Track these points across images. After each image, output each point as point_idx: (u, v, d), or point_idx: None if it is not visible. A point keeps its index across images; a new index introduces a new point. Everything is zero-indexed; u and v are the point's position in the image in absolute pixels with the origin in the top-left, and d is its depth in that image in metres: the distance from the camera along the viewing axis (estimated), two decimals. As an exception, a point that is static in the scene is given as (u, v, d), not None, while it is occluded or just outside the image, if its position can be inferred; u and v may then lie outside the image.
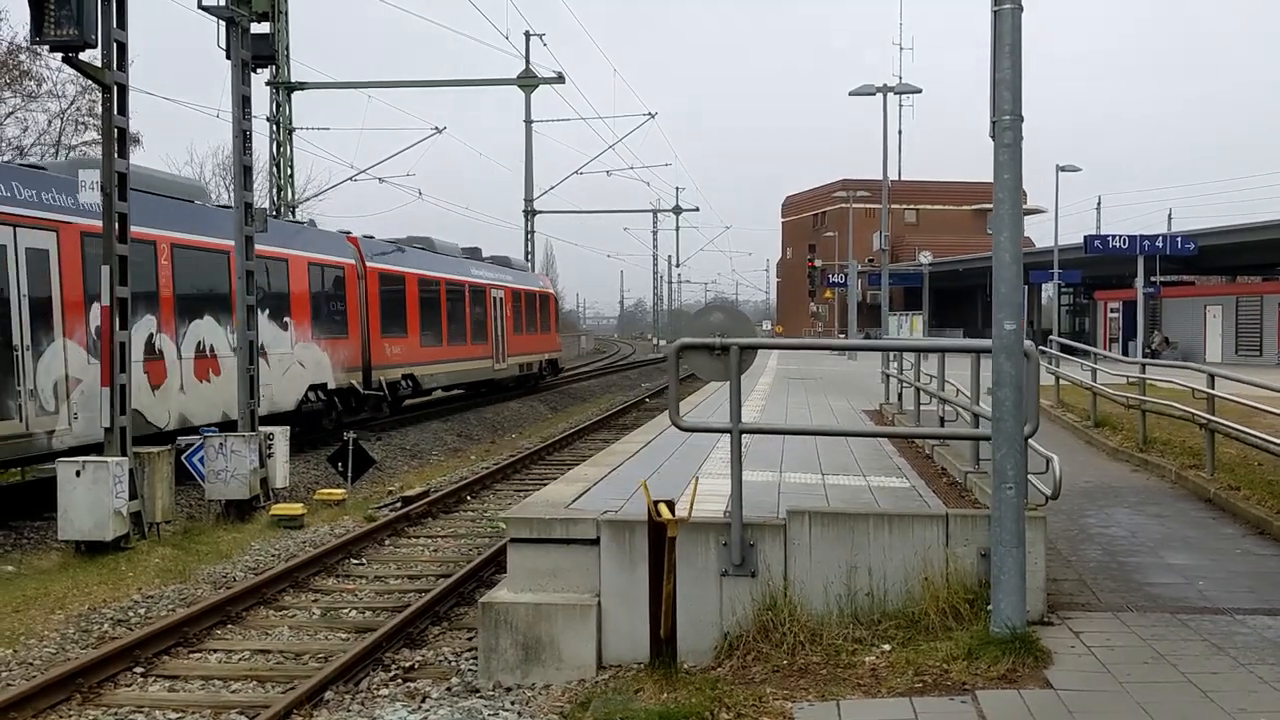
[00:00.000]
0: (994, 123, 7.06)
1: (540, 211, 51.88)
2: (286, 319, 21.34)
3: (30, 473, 19.69)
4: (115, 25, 13.79)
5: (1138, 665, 6.73)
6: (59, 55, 14.45)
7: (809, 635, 7.60)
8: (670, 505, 7.09)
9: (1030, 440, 7.46)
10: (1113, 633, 7.35)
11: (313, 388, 22.28)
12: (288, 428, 17.71)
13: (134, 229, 14.69)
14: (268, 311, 20.13)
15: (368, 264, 25.20)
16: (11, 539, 14.82)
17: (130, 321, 14.69)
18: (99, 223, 14.50)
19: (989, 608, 7.29)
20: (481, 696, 7.97)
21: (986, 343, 7.65)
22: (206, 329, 18.61)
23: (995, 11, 7.01)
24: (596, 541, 8.21)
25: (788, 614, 7.75)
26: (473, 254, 34.78)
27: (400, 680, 8.69)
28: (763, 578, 7.99)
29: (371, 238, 27.14)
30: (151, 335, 17.22)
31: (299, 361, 21.74)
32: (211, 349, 18.67)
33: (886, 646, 7.41)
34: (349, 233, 26.13)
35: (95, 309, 15.04)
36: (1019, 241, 7.09)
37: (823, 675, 7.04)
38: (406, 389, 27.45)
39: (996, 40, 7.03)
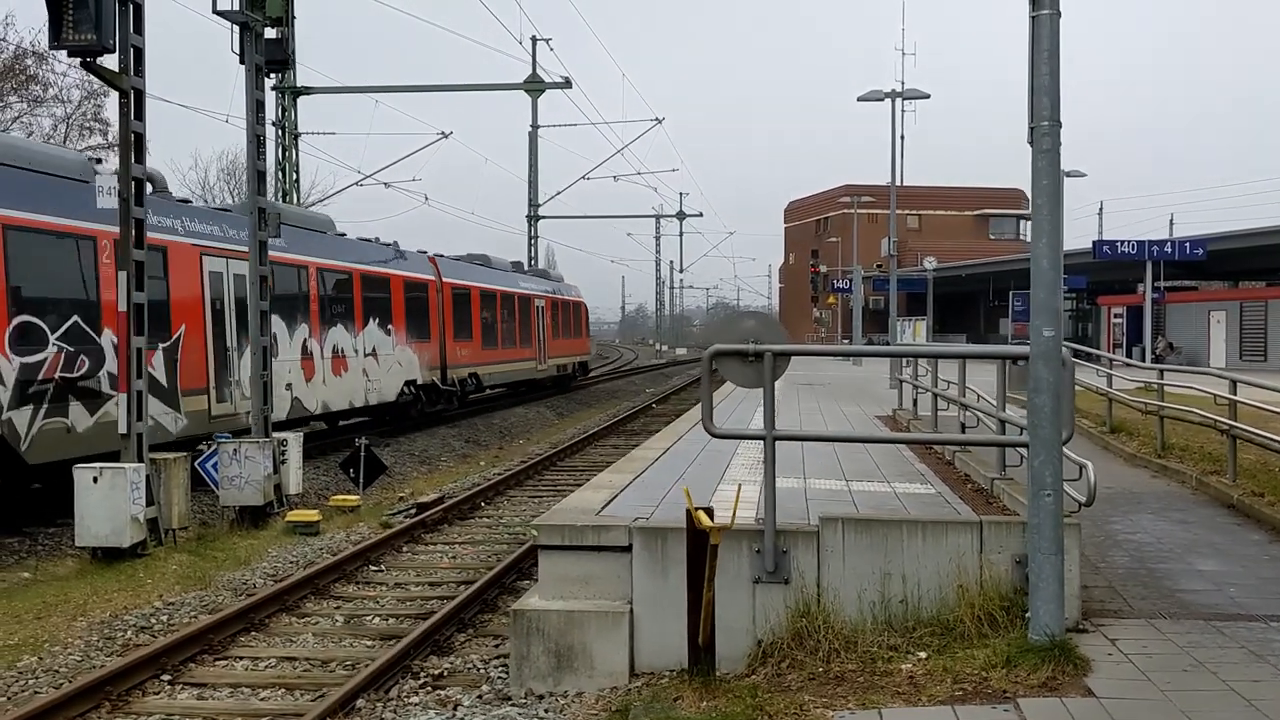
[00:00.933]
0: (1032, 129, 7.04)
1: (544, 217, 51.90)
2: (390, 327, 25.81)
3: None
4: (132, 30, 13.80)
5: (1177, 673, 6.70)
6: (73, 60, 14.50)
7: (844, 643, 7.57)
8: (709, 512, 7.06)
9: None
10: (1148, 640, 7.32)
11: (406, 383, 26.80)
12: (301, 434, 17.72)
13: (289, 255, 20.62)
14: (377, 321, 25.00)
15: (443, 279, 29.69)
16: (26, 545, 14.79)
17: (293, 329, 20.83)
18: (282, 254, 19.84)
19: (1026, 615, 7.27)
20: (514, 704, 7.95)
21: (1017, 349, 7.64)
22: (339, 334, 23.18)
23: (1033, 18, 7.00)
24: (628, 549, 8.19)
25: (822, 621, 7.72)
26: (517, 267, 39.40)
27: (430, 688, 8.64)
28: (796, 585, 7.96)
29: (443, 256, 31.15)
30: (305, 340, 21.66)
31: (398, 361, 26.28)
32: (342, 350, 23.22)
33: (923, 654, 7.38)
34: (426, 252, 30.18)
35: (273, 320, 19.04)
36: (1058, 247, 7.10)
37: (860, 683, 7.01)
38: (471, 386, 31.95)
39: (1034, 46, 7.01)
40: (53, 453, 14.66)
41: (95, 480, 13.13)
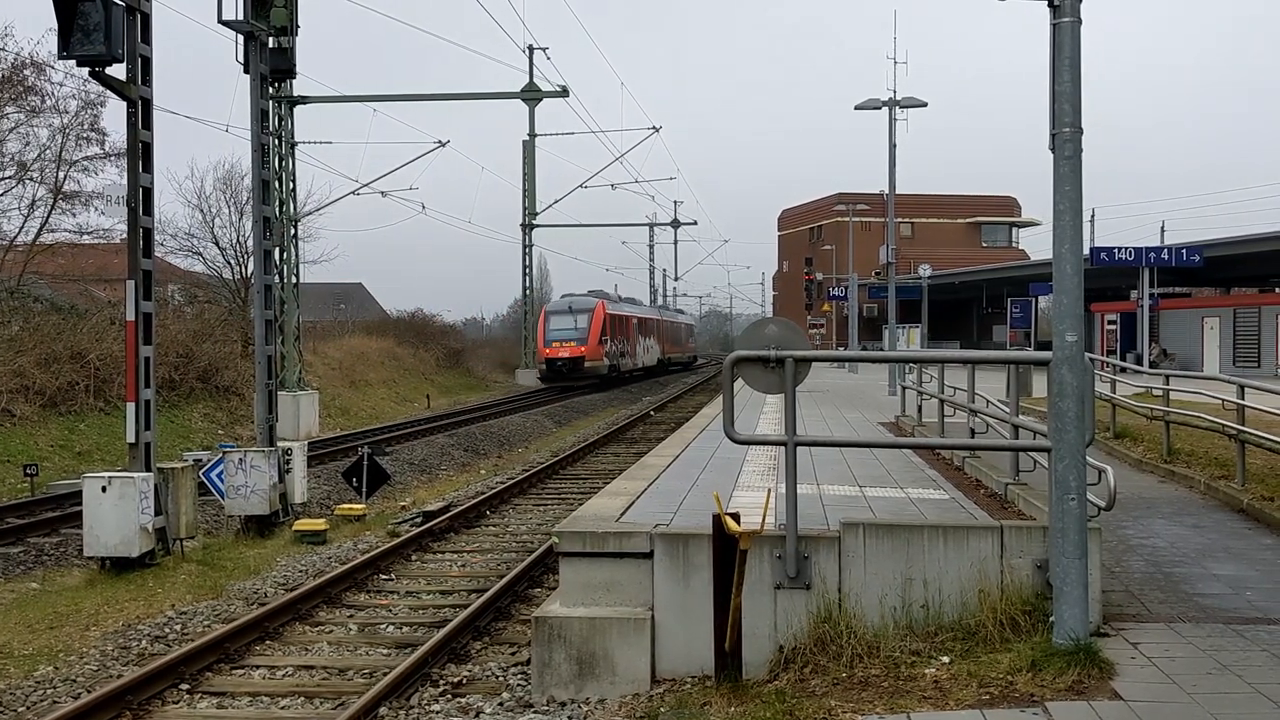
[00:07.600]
0: (1054, 135, 7.08)
1: (538, 226, 51.98)
2: (652, 336, 63.35)
3: (41, 488, 19.69)
4: (140, 40, 13.82)
5: (1203, 676, 6.73)
6: (73, 70, 14.51)
7: (866, 648, 7.59)
8: (735, 518, 7.08)
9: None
10: (1170, 643, 7.35)
11: (658, 359, 64.17)
12: (305, 443, 17.69)
13: (638, 314, 62.71)
14: (652, 334, 64.04)
15: (660, 318, 67.60)
16: (32, 555, 14.75)
17: (638, 339, 60.99)
18: (633, 312, 61.33)
19: (1050, 619, 7.29)
20: (536, 711, 7.95)
21: (1036, 354, 7.66)
22: (646, 340, 62.13)
23: (1054, 25, 7.04)
24: (649, 555, 8.20)
25: (844, 626, 7.74)
26: (668, 306, 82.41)
27: (450, 696, 8.63)
28: (817, 590, 7.98)
29: (656, 305, 77.10)
30: (640, 342, 60.47)
31: (654, 351, 63.69)
32: (646, 345, 61.68)
33: (946, 658, 7.40)
34: (652, 304, 76.81)
35: (638, 336, 60.60)
36: (1080, 254, 7.13)
37: (885, 688, 7.02)
38: (666, 364, 67.46)
39: (1056, 53, 7.06)
40: (618, 369, 54.18)
41: (104, 490, 13.11)
